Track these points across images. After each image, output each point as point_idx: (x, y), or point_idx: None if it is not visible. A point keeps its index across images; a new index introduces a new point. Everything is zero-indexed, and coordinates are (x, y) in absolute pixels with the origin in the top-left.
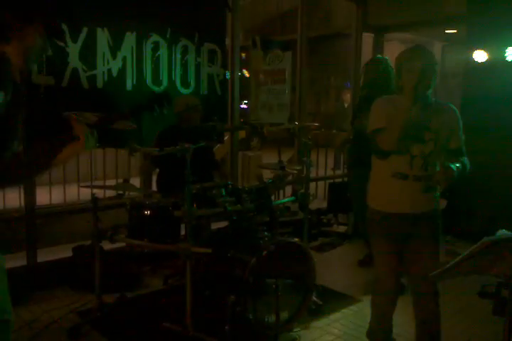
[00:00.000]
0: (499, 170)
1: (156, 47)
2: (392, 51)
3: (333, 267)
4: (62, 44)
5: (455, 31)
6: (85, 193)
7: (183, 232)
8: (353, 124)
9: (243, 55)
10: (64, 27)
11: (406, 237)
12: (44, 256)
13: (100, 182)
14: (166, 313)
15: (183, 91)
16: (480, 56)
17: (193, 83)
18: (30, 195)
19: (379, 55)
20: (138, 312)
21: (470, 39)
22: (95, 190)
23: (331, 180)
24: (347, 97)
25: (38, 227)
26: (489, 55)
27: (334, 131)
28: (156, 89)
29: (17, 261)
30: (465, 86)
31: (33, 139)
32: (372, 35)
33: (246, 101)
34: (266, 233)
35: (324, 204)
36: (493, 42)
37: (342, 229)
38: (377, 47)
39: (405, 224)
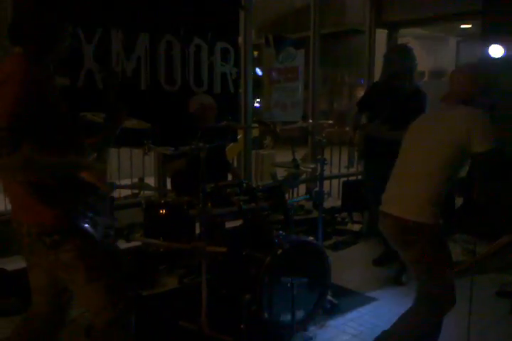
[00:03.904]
0: None
1: (169, 46)
2: None
3: (348, 266)
4: (77, 45)
5: (470, 26)
6: None
7: (198, 231)
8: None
9: (256, 53)
10: (78, 29)
11: None
12: None
13: (115, 182)
14: (182, 312)
15: (197, 90)
16: (496, 51)
17: (206, 82)
18: None
19: (401, 43)
20: (154, 310)
21: (485, 34)
22: None
23: (345, 178)
24: (360, 94)
25: None
26: (505, 50)
27: (347, 128)
28: (169, 88)
29: None
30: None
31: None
32: (386, 31)
33: (259, 100)
34: (280, 231)
35: (338, 203)
36: (509, 37)
37: (357, 227)
38: (391, 43)
39: None
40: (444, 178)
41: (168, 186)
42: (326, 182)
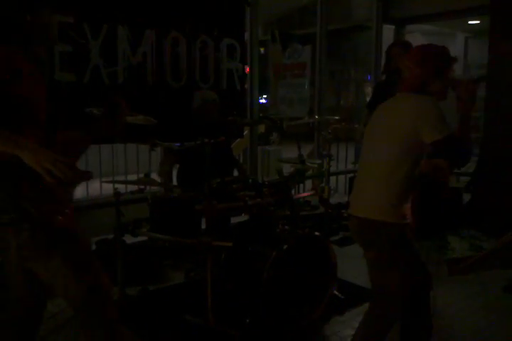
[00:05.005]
0: None
1: (175, 42)
2: (413, 43)
3: (354, 261)
4: (83, 41)
5: (478, 22)
6: (107, 188)
7: (203, 226)
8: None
9: (262, 49)
10: (84, 25)
11: None
12: None
13: (122, 177)
14: (188, 306)
15: (203, 86)
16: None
17: (212, 78)
18: None
19: (403, 39)
20: (160, 304)
21: (494, 29)
22: (117, 185)
23: (352, 174)
24: (368, 90)
25: None
26: None
27: (357, 125)
28: (175, 84)
29: None
30: (489, 77)
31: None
32: (393, 27)
33: (265, 96)
34: (286, 227)
35: (345, 199)
36: None
37: None
38: (398, 39)
39: None
40: (402, 174)
41: (174, 181)
42: (333, 178)
